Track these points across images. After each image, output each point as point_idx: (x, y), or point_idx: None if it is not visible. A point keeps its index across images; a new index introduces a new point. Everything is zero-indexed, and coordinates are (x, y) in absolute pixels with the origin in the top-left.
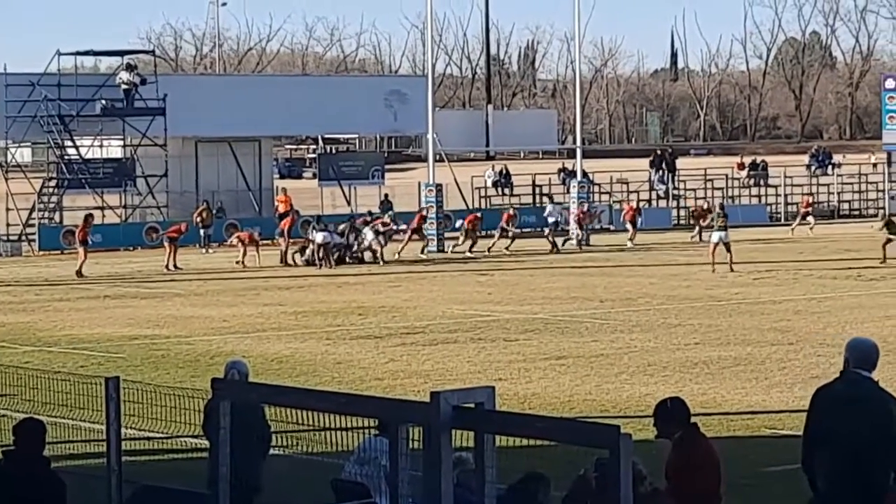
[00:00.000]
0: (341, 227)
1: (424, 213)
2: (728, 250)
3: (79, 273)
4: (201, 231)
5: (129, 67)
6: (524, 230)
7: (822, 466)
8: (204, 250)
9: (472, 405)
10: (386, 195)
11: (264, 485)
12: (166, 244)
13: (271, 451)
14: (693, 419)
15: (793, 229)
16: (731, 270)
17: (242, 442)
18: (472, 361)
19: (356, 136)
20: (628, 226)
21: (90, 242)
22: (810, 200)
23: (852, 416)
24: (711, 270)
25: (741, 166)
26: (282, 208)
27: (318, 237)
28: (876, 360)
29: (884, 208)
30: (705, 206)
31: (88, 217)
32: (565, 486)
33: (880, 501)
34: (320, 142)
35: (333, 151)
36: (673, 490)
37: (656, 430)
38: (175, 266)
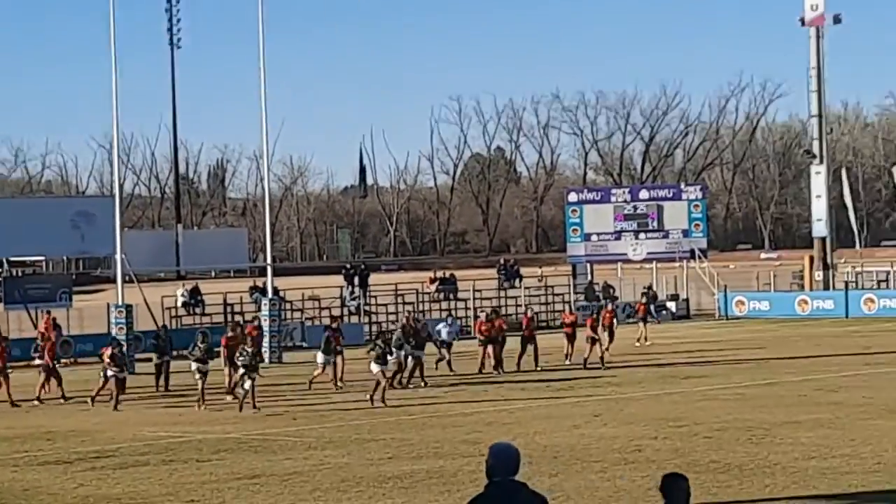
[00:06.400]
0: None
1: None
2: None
3: None
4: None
5: None
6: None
7: None
8: None
9: None
10: (54, 319)
11: None
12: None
13: None
14: None
15: None
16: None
17: None
18: (163, 484)
19: (43, 258)
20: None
21: None
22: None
23: None
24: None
25: (432, 280)
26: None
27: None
28: (519, 465)
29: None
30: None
31: None
32: None
33: None
34: (5, 264)
35: (19, 274)
36: None
37: None
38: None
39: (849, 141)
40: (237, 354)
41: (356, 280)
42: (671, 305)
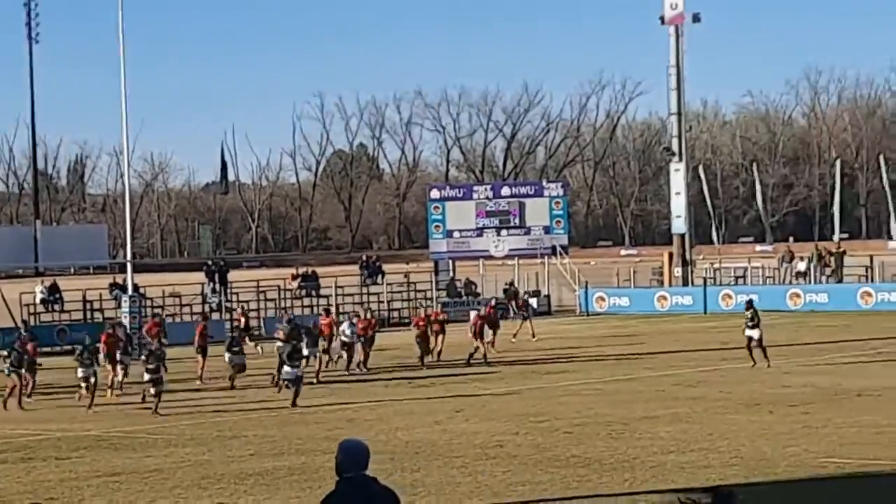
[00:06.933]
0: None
1: None
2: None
3: None
4: None
5: None
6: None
7: None
8: None
9: None
10: None
11: None
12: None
13: None
14: None
15: None
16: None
17: None
18: (21, 482)
19: None
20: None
21: None
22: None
23: None
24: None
25: (294, 277)
26: None
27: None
28: (368, 460)
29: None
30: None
31: None
32: None
33: None
34: None
35: None
36: None
37: None
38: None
39: (707, 139)
40: (144, 368)
41: (217, 277)
42: (532, 302)
